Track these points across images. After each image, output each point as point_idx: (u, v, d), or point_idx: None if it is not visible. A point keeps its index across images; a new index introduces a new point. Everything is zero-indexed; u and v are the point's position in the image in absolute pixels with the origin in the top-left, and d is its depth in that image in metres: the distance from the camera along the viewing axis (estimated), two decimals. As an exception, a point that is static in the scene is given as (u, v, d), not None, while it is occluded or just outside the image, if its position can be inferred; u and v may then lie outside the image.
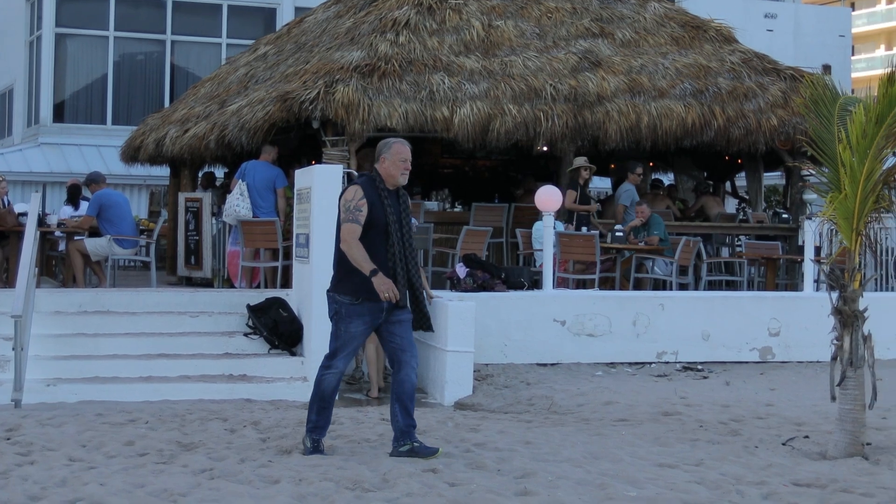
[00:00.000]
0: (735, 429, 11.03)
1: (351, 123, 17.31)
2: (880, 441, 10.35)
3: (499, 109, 18.33)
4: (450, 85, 18.35)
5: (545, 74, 19.08)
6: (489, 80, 18.74)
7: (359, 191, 9.26)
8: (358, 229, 9.17)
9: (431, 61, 18.73)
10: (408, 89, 18.13)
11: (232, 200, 17.34)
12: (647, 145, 19.66)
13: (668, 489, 8.34)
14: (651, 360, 15.49)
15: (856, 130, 9.78)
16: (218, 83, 22.85)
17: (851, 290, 9.95)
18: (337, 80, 17.61)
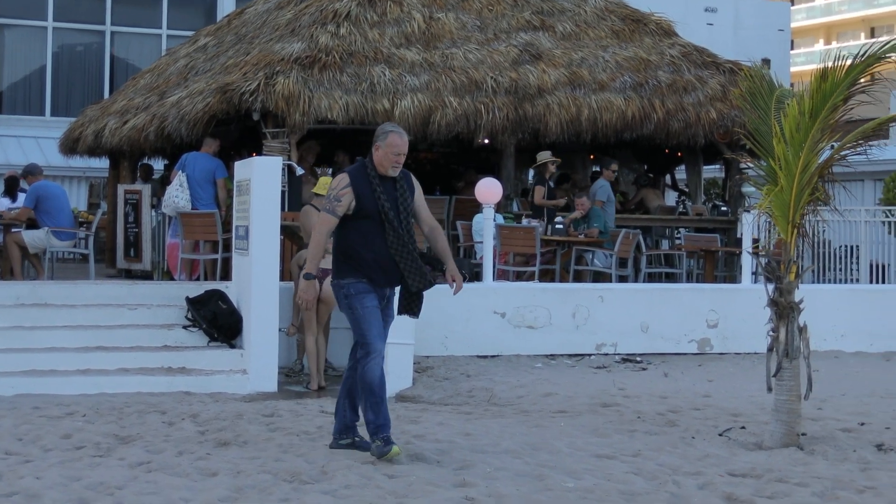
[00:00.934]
0: (672, 420, 11.10)
1: (291, 115, 17.25)
2: (816, 431, 10.45)
3: (439, 102, 18.33)
4: (391, 77, 18.32)
5: (486, 67, 19.10)
6: (430, 72, 18.73)
7: (345, 179, 9.02)
8: (332, 221, 8.99)
9: (372, 53, 18.70)
10: (348, 81, 18.09)
11: (171, 191, 17.23)
12: (587, 138, 19.74)
13: (606, 480, 8.39)
14: (590, 351, 15.56)
15: (790, 124, 9.86)
16: (158, 74, 22.69)
17: (787, 281, 10.03)
18: (277, 71, 17.54)
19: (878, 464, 9.25)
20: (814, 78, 9.96)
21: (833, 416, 11.36)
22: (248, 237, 13.63)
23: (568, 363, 15.05)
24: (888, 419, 11.28)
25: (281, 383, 13.39)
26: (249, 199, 13.66)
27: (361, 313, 9.05)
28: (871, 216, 20.97)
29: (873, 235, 20.86)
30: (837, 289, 18.61)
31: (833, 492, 8.20)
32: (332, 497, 7.83)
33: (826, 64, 9.89)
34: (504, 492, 7.93)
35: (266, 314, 13.34)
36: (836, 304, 16.75)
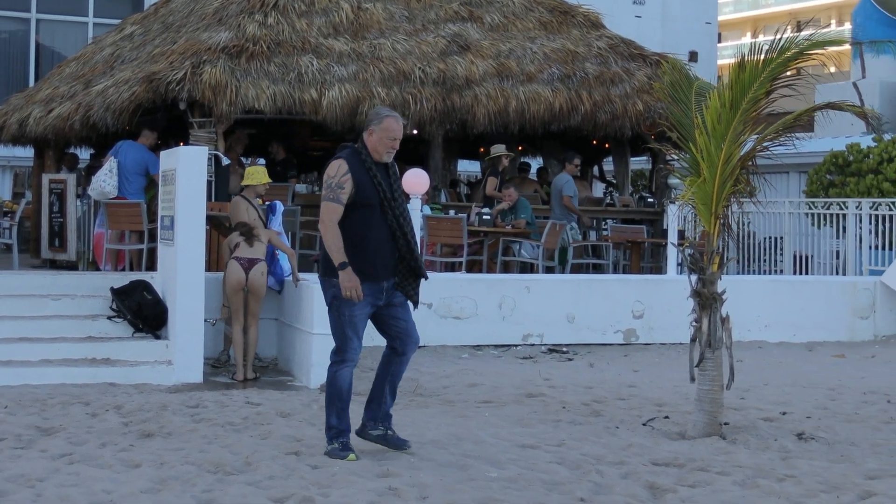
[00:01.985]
0: (597, 410, 11.17)
1: (218, 105, 17.15)
2: (738, 421, 10.55)
3: (367, 92, 18.29)
4: (318, 67, 18.26)
5: (414, 58, 19.09)
6: (358, 62, 18.69)
7: (343, 165, 8.54)
8: (339, 209, 8.47)
9: (300, 43, 18.63)
10: (276, 71, 18.02)
11: (100, 176, 17.01)
12: (515, 129, 19.79)
13: (529, 469, 8.42)
14: (517, 342, 15.61)
15: (712, 116, 9.94)
16: (83, 63, 22.47)
17: (710, 272, 10.11)
18: (204, 60, 17.43)
19: (798, 452, 9.37)
20: (732, 69, 10.05)
21: (755, 405, 11.49)
22: (174, 227, 13.54)
23: (494, 354, 15.09)
24: (809, 408, 11.42)
25: (207, 374, 13.32)
26: (175, 189, 13.56)
27: (348, 319, 8.61)
28: (794, 208, 21.18)
29: (797, 227, 21.07)
30: (761, 280, 18.79)
31: (754, 480, 8.29)
32: (255, 488, 7.81)
33: (743, 55, 9.98)
34: (427, 482, 7.95)
35: (191, 305, 13.26)
36: (759, 295, 16.92)
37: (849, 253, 19.63)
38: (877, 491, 8.01)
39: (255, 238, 13.64)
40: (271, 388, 12.69)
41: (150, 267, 16.38)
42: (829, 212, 20.03)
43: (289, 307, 14.14)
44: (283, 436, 9.62)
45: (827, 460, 9.08)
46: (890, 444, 9.73)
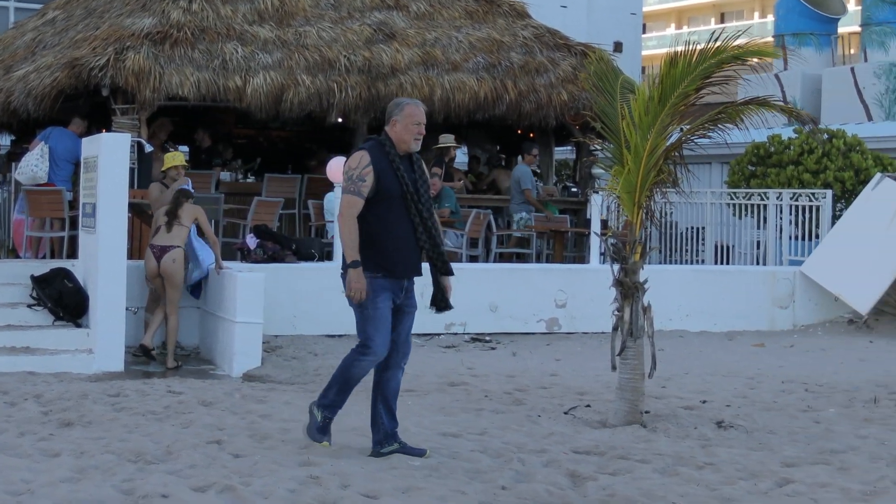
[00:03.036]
0: (519, 398, 11.21)
1: (141, 92, 17.04)
2: (659, 409, 10.64)
3: (292, 80, 18.23)
4: (243, 54, 18.17)
5: (339, 45, 19.03)
6: (283, 50, 18.61)
7: (365, 157, 8.18)
8: (359, 202, 8.10)
9: (224, 30, 18.52)
10: (200, 58, 17.90)
11: (31, 160, 16.77)
12: (440, 118, 19.76)
13: (451, 458, 8.44)
14: (440, 331, 15.62)
15: (639, 108, 10.00)
16: (4, 48, 22.21)
17: (632, 262, 10.18)
18: (127, 46, 17.29)
19: (717, 440, 9.47)
20: (663, 64, 10.11)
21: (676, 394, 11.59)
22: (96, 215, 13.43)
23: (417, 343, 15.00)
24: (729, 397, 11.54)
25: (128, 363, 13.23)
26: (97, 177, 13.45)
27: (372, 314, 8.24)
28: (716, 198, 21.36)
29: (719, 217, 21.26)
30: (683, 269, 18.93)
31: (674, 468, 8.36)
32: (176, 477, 7.76)
33: (675, 50, 10.03)
34: (349, 470, 7.94)
35: (113, 293, 13.15)
36: (681, 285, 17.07)
37: (769, 243, 19.83)
38: (794, 478, 8.10)
39: (176, 222, 13.55)
40: (193, 376, 12.63)
41: (71, 255, 16.23)
42: (751, 202, 20.22)
43: (212, 295, 14.07)
44: (205, 424, 9.58)
45: (746, 448, 9.18)
46: (807, 432, 9.85)
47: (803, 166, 20.51)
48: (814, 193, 19.38)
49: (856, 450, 9.14)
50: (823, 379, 12.71)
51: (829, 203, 19.22)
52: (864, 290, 16.94)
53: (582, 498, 7.49)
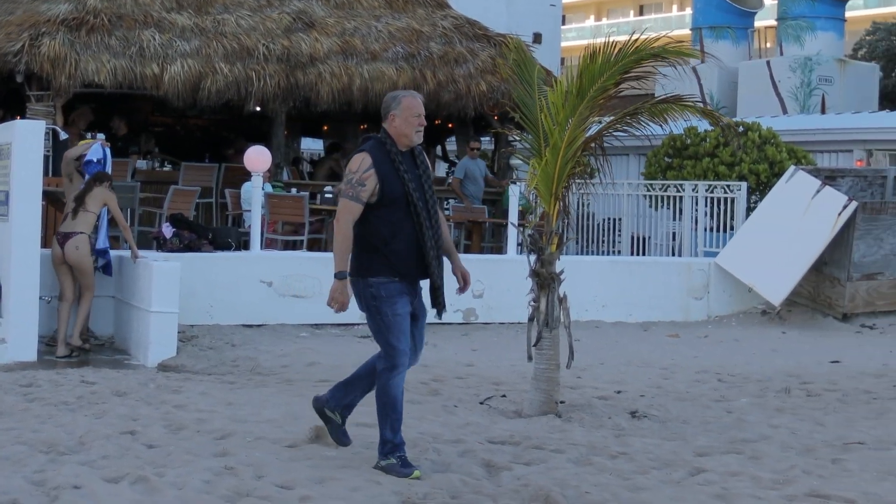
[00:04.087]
0: (435, 388, 11.22)
1: (57, 78, 16.89)
2: (574, 399, 10.69)
3: (210, 68, 18.15)
4: (160, 42, 18.07)
5: (258, 34, 18.97)
6: (201, 37, 18.52)
7: (366, 160, 7.70)
8: (357, 209, 7.66)
9: (142, 17, 18.41)
10: (117, 45, 17.78)
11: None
12: (359, 107, 19.77)
13: (367, 448, 8.42)
14: (357, 321, 15.54)
15: (557, 99, 10.03)
16: (-85, 32, 21.88)
17: (549, 252, 10.21)
18: (43, 33, 17.13)
19: (631, 430, 9.54)
20: (583, 58, 10.15)
21: (591, 384, 11.66)
22: (9, 203, 13.24)
23: (334, 333, 15.05)
24: (643, 387, 11.64)
25: (42, 353, 13.07)
26: (10, 164, 13.27)
27: (392, 321, 7.81)
28: (633, 190, 21.51)
29: (635, 208, 21.40)
30: (599, 260, 19.03)
31: (588, 457, 8.41)
32: (89, 468, 7.69)
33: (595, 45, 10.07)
34: (264, 461, 7.92)
35: (26, 282, 12.98)
36: (598, 276, 17.15)
37: (685, 234, 20.00)
38: (706, 467, 8.19)
39: (82, 208, 13.41)
40: (107, 366, 12.51)
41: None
42: (667, 194, 20.39)
43: (126, 284, 13.95)
44: (119, 415, 9.50)
45: (659, 438, 9.26)
46: (720, 422, 9.95)
47: (719, 158, 20.70)
48: (729, 185, 19.57)
49: (767, 439, 9.25)
50: (736, 369, 12.85)
51: (744, 195, 19.42)
52: (778, 281, 17.13)
53: (496, 488, 7.51)
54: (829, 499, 7.43)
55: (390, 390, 7.90)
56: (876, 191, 18.78)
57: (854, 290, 16.89)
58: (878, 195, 18.67)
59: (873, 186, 18.79)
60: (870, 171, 19.90)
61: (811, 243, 16.88)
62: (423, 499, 7.17)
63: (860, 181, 18.76)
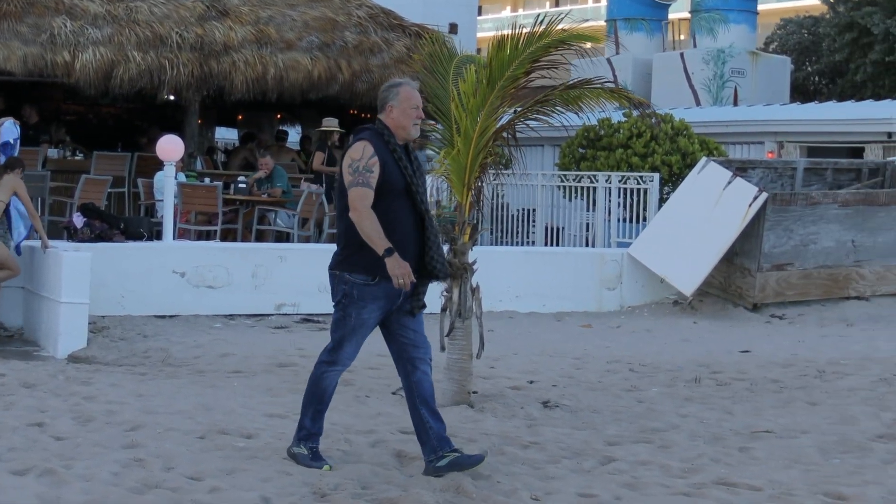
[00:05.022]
0: (348, 379, 11.15)
1: (-36, 66, 16.65)
2: (487, 389, 10.72)
3: (122, 56, 17.99)
4: (72, 29, 17.88)
5: (172, 22, 18.83)
6: (113, 25, 18.35)
7: (368, 147, 7.40)
8: (370, 194, 7.31)
9: (53, 4, 18.22)
10: (27, 32, 17.58)
11: None
12: (273, 97, 19.69)
13: (277, 439, 8.40)
14: (270, 311, 15.52)
15: (468, 90, 10.04)
16: None
17: (461, 243, 10.23)
18: (-50, 19, 16.89)
19: (543, 420, 9.59)
20: (491, 47, 10.17)
21: (504, 374, 11.70)
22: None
23: (248, 323, 14.99)
24: (556, 377, 11.69)
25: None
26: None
27: (354, 324, 7.60)
28: (547, 180, 21.57)
29: (549, 199, 21.47)
30: (513, 251, 19.10)
31: (500, 447, 8.44)
32: (-6, 460, 7.61)
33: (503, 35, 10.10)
34: (174, 452, 7.87)
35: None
36: (511, 266, 17.19)
37: (598, 225, 20.10)
38: (616, 456, 8.26)
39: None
40: (16, 357, 12.36)
41: None
42: (580, 185, 20.47)
43: (36, 275, 13.78)
44: (27, 407, 9.40)
45: (570, 427, 9.32)
46: (630, 411, 10.03)
47: (632, 150, 20.82)
48: (642, 176, 19.70)
49: (676, 428, 9.34)
50: (648, 359, 12.94)
51: (657, 186, 19.55)
52: (689, 272, 17.26)
53: (408, 478, 7.52)
54: (736, 486, 7.52)
55: (323, 382, 7.77)
56: (786, 182, 19.01)
57: (764, 281, 17.06)
58: (788, 186, 18.91)
59: (783, 178, 19.03)
60: (780, 163, 20.13)
61: (722, 234, 17.03)
62: (334, 489, 7.16)
63: (770, 173, 18.98)
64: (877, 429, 9.41)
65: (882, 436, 9.17)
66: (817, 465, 8.23)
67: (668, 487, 7.47)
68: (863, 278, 17.63)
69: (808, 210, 17.12)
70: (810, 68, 39.37)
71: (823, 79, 39.37)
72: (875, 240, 17.61)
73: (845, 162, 20.50)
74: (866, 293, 17.67)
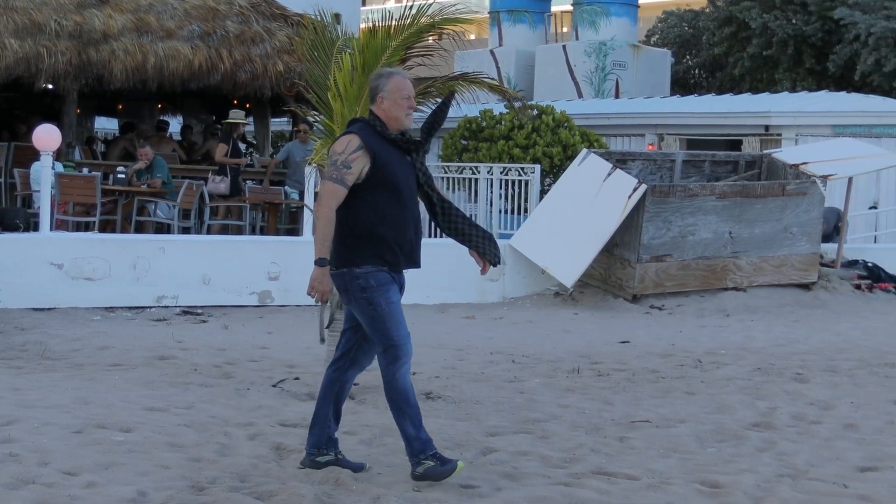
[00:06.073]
0: (228, 372, 11.13)
1: None
2: (368, 381, 10.67)
3: (-2, 43, 17.68)
4: (-55, 15, 17.53)
5: (49, 9, 18.57)
6: (-12, 12, 18.02)
7: (353, 141, 7.15)
8: (341, 192, 7.09)
9: (-75, -10, 17.82)
10: None
11: None
12: (153, 86, 19.49)
13: (157, 433, 8.33)
14: (150, 304, 15.36)
15: (344, 78, 10.01)
16: None
17: (343, 235, 10.18)
18: None
19: (425, 411, 9.42)
20: (363, 34, 10.16)
21: (386, 366, 11.67)
22: None
23: (127, 316, 14.83)
24: (438, 368, 11.72)
25: None
26: None
27: (387, 310, 7.25)
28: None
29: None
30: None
31: (381, 439, 8.45)
32: None
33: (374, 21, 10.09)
34: (50, 447, 7.75)
35: None
36: (394, 258, 17.14)
37: (480, 217, 20.16)
38: (497, 447, 8.30)
39: None
40: None
41: None
42: (463, 176, 20.53)
43: None
44: None
45: (453, 418, 9.35)
46: (511, 402, 10.08)
47: (514, 141, 20.94)
48: (523, 168, 19.80)
49: (557, 419, 9.41)
50: (529, 350, 13.02)
51: (538, 178, 19.67)
52: (570, 263, 17.38)
53: (286, 470, 7.49)
54: (614, 476, 7.59)
55: (399, 384, 7.41)
56: (665, 174, 19.23)
57: (643, 272, 17.25)
58: (667, 178, 19.13)
59: (662, 170, 19.24)
60: (659, 155, 20.37)
61: (602, 226, 17.16)
62: (212, 483, 7.11)
63: (650, 165, 19.18)
64: (752, 417, 9.59)
65: (757, 424, 9.35)
66: (694, 453, 8.35)
67: (547, 478, 7.52)
68: (740, 269, 17.89)
69: (686, 202, 17.33)
70: (690, 61, 39.88)
71: (703, 72, 39.92)
72: (752, 231, 17.87)
73: (723, 154, 20.79)
74: (743, 284, 17.93)
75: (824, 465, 8.04)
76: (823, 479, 7.62)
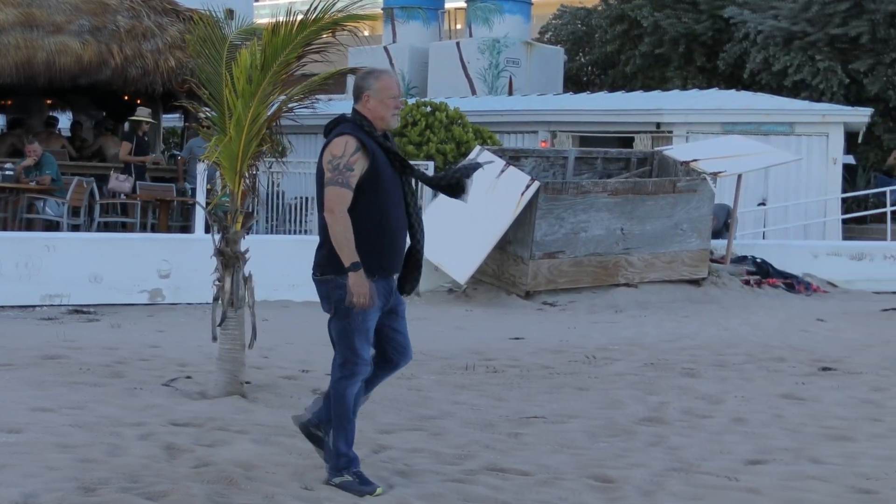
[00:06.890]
0: (119, 371, 11.00)
1: None
2: (260, 379, 10.65)
3: None
4: None
5: (-66, 2, 18.22)
6: None
7: (351, 142, 6.96)
8: (348, 196, 6.90)
9: None
10: None
11: None
12: (43, 82, 19.23)
13: (45, 434, 8.21)
14: (39, 303, 15.17)
15: (241, 75, 9.94)
16: None
17: (233, 231, 10.14)
18: None
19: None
20: (266, 32, 10.09)
21: (278, 364, 11.64)
22: None
23: (15, 315, 14.62)
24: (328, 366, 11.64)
25: None
26: None
27: (360, 324, 7.07)
28: (324, 169, 21.51)
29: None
30: (289, 239, 19.01)
31: (272, 438, 8.39)
32: None
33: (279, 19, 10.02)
34: (-67, 449, 7.63)
35: None
36: (287, 255, 17.06)
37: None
38: (390, 445, 8.30)
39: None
40: None
41: None
42: (356, 173, 20.46)
43: None
44: None
45: (344, 416, 9.31)
46: (404, 400, 10.08)
47: (407, 138, 20.95)
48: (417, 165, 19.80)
49: (449, 415, 9.44)
50: (422, 347, 12.96)
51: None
52: (463, 260, 17.43)
53: (177, 470, 7.42)
54: (506, 472, 7.63)
55: (346, 400, 7.18)
56: (557, 171, 19.37)
57: (536, 269, 17.35)
58: (560, 176, 19.26)
59: (555, 167, 19.37)
60: (552, 152, 20.49)
61: (496, 222, 17.24)
62: (102, 483, 7.01)
63: (543, 162, 19.30)
64: (642, 412, 9.70)
65: (647, 419, 9.45)
66: (585, 449, 8.41)
67: (440, 475, 7.53)
68: (631, 266, 18.07)
69: (578, 199, 17.46)
70: (583, 59, 40.18)
71: (596, 69, 40.24)
72: (643, 228, 18.06)
73: (615, 152, 20.98)
74: (635, 280, 18.12)
75: (713, 459, 8.15)
76: (713, 473, 7.72)
